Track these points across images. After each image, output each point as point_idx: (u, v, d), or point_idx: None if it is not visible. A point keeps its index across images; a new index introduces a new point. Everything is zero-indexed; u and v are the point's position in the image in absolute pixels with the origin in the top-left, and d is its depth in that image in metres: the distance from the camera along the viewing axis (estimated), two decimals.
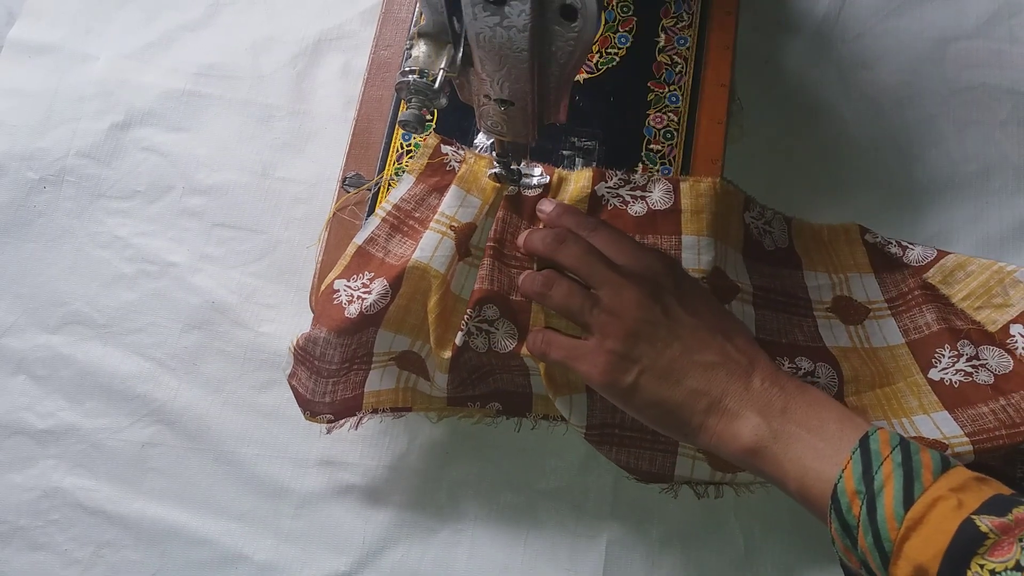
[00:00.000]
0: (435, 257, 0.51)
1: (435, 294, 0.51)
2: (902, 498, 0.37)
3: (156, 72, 0.67)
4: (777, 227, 0.58)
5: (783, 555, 0.56)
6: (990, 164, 0.64)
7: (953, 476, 0.38)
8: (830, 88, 0.66)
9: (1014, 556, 0.34)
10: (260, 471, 0.59)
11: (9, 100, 0.66)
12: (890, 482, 0.38)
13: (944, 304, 0.55)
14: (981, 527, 0.35)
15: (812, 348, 0.54)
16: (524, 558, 0.57)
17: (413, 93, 0.42)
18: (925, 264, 0.57)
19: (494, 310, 0.52)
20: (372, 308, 0.51)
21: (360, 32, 0.68)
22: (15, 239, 0.63)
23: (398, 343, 0.54)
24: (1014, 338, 0.53)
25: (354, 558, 0.57)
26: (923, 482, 0.38)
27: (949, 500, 0.37)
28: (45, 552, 0.58)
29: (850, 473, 0.39)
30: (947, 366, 0.54)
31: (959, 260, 0.56)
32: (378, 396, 0.57)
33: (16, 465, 0.59)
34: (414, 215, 0.55)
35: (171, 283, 0.62)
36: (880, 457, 0.39)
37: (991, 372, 0.53)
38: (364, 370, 0.55)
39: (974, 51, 0.67)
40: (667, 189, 0.55)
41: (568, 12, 0.38)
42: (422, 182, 0.56)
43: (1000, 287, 0.55)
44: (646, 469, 0.55)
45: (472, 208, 0.54)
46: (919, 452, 0.39)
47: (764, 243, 0.57)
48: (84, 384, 0.61)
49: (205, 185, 0.64)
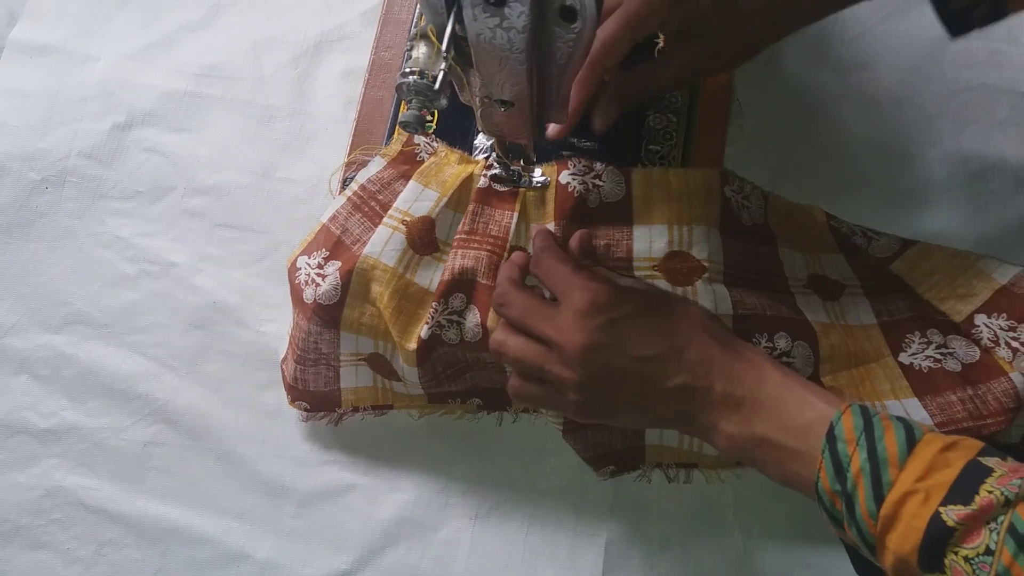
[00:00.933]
0: (385, 251, 0.52)
1: (387, 288, 0.52)
2: (873, 496, 0.38)
3: (157, 73, 0.67)
4: (755, 202, 0.56)
5: (782, 554, 0.57)
6: (989, 164, 0.63)
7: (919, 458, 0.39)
8: (829, 88, 0.66)
9: (983, 541, 0.35)
10: (261, 470, 0.59)
11: (10, 101, 0.66)
12: (860, 480, 0.39)
13: (911, 294, 0.55)
14: (948, 522, 0.36)
15: (795, 321, 0.53)
16: (524, 557, 0.57)
17: (413, 94, 0.42)
18: (891, 255, 0.57)
19: (462, 299, 0.52)
20: (324, 299, 0.53)
21: (361, 33, 0.68)
22: (17, 239, 0.64)
23: (363, 344, 0.55)
24: (979, 328, 0.53)
25: (355, 557, 0.57)
26: (890, 475, 0.38)
27: (917, 495, 0.38)
28: (47, 551, 0.58)
29: (825, 475, 0.40)
30: (917, 352, 0.54)
31: (923, 250, 0.56)
32: (356, 393, 0.58)
33: (18, 464, 0.59)
34: (377, 197, 0.55)
35: (173, 283, 0.62)
36: (848, 454, 0.40)
37: (959, 361, 0.53)
38: (334, 367, 0.56)
39: (973, 51, 0.66)
40: (618, 180, 0.54)
41: (567, 13, 0.38)
42: (392, 167, 0.56)
43: (964, 277, 0.55)
44: (619, 447, 0.56)
45: (428, 202, 0.54)
46: (883, 436, 0.40)
47: (742, 218, 0.55)
48: (86, 384, 0.61)
49: (206, 186, 0.64)
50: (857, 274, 0.57)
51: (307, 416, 0.59)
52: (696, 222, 0.53)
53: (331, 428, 0.60)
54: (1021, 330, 0.53)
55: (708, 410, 0.45)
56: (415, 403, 0.59)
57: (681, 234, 0.53)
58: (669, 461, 0.57)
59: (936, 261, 0.56)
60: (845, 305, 0.56)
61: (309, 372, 0.57)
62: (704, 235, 0.53)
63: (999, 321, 0.53)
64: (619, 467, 0.57)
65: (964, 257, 0.55)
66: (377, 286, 0.52)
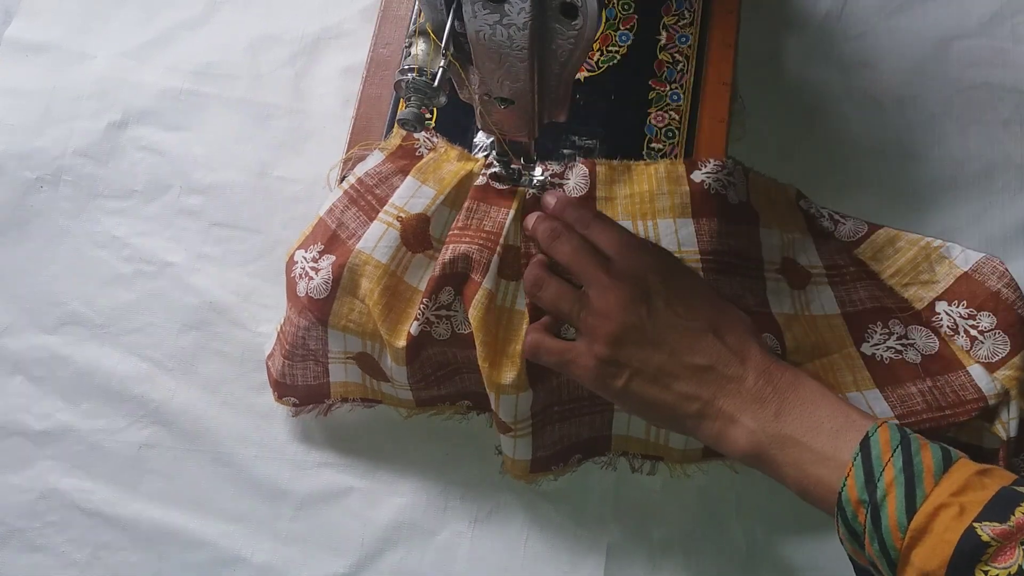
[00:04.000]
0: (378, 248, 0.52)
1: (377, 285, 0.52)
2: (904, 507, 0.37)
3: (154, 71, 0.67)
4: (739, 178, 0.56)
5: (785, 557, 0.56)
6: (993, 163, 0.63)
7: (955, 476, 0.38)
8: (832, 87, 0.65)
9: (1016, 561, 0.34)
10: (258, 472, 0.59)
11: (6, 99, 0.66)
12: (892, 490, 0.38)
13: (874, 282, 0.56)
14: (983, 536, 0.35)
15: (760, 315, 0.54)
16: (524, 560, 0.57)
17: (412, 91, 0.42)
18: (856, 239, 0.57)
19: (449, 293, 0.52)
20: (315, 292, 0.52)
21: (359, 30, 0.67)
22: (12, 239, 0.63)
23: (351, 343, 0.55)
24: (939, 316, 0.55)
25: (353, 560, 0.57)
26: (925, 488, 0.37)
27: (951, 507, 0.36)
28: (42, 554, 0.57)
29: (853, 482, 0.39)
30: (879, 342, 0.55)
31: (889, 236, 0.57)
32: (346, 387, 0.58)
33: (13, 466, 0.59)
34: (374, 191, 0.55)
35: (169, 283, 0.62)
36: (881, 463, 0.39)
37: (919, 352, 0.54)
38: (323, 363, 0.56)
39: (977, 50, 0.66)
40: (583, 174, 0.54)
41: (569, 10, 0.38)
42: (390, 161, 0.56)
43: (927, 263, 0.56)
44: (586, 437, 0.56)
45: (425, 199, 0.54)
46: (920, 452, 0.39)
47: (728, 196, 0.55)
48: (81, 385, 0.60)
49: (203, 184, 0.64)
50: (823, 261, 0.57)
51: (296, 411, 0.59)
52: (660, 215, 0.53)
53: (329, 429, 0.59)
54: (979, 318, 0.54)
55: (733, 398, 0.44)
56: (403, 405, 0.58)
57: (646, 228, 0.53)
58: (635, 451, 0.57)
59: (901, 246, 0.57)
60: (810, 294, 0.56)
61: (298, 367, 0.56)
62: (669, 228, 0.53)
63: (959, 309, 0.54)
64: (585, 454, 0.57)
65: (928, 243, 0.56)
66: (368, 282, 0.52)
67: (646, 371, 0.46)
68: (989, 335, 0.53)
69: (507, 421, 0.52)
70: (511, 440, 0.53)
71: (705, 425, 0.46)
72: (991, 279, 0.55)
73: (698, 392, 0.45)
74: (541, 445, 0.54)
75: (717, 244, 0.53)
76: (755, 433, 0.43)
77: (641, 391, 0.46)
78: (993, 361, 0.53)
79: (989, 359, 0.53)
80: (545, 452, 0.55)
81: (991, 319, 0.54)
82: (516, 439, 0.53)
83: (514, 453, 0.54)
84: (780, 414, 0.43)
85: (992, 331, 0.53)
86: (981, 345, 0.53)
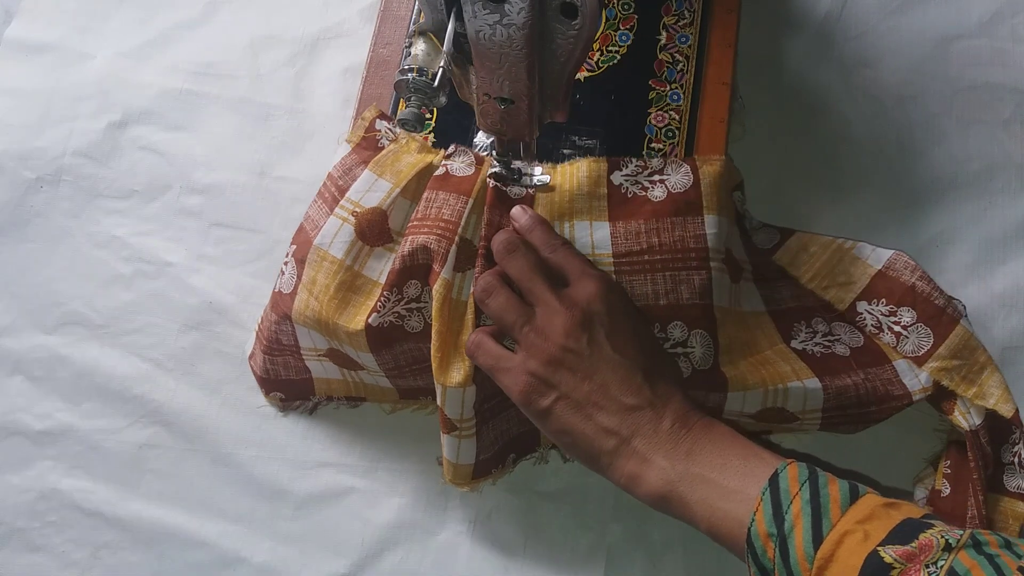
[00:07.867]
0: (334, 243, 0.52)
1: (332, 281, 0.52)
2: (811, 537, 0.38)
3: (154, 71, 0.67)
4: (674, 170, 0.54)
5: None
6: (993, 163, 0.63)
7: (861, 507, 0.39)
8: (832, 86, 0.65)
9: None
10: (258, 472, 0.58)
11: (6, 99, 0.66)
12: (799, 521, 0.38)
13: (794, 284, 0.56)
14: (886, 558, 0.35)
15: (696, 307, 0.52)
16: (524, 561, 0.57)
17: (412, 91, 0.42)
18: (772, 247, 0.57)
19: (416, 286, 0.52)
20: (284, 287, 0.53)
21: (359, 30, 0.67)
22: (12, 239, 0.63)
23: (317, 340, 0.55)
24: (862, 315, 0.55)
25: (353, 560, 0.57)
26: (831, 518, 0.38)
27: (856, 534, 0.37)
28: (42, 554, 0.57)
29: (761, 516, 0.40)
30: (806, 339, 0.55)
31: (801, 241, 0.57)
32: (329, 384, 0.58)
33: (13, 466, 0.59)
34: (338, 183, 0.55)
35: (169, 283, 0.62)
36: (789, 496, 0.39)
37: (847, 346, 0.55)
38: (299, 357, 0.56)
39: (977, 50, 0.66)
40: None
41: (568, 10, 0.38)
42: (355, 153, 0.56)
43: (842, 265, 0.56)
44: (516, 433, 0.55)
45: (380, 192, 0.53)
46: (827, 485, 0.40)
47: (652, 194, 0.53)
48: (81, 385, 0.60)
49: (203, 184, 0.64)
50: (750, 258, 0.57)
51: (284, 406, 0.59)
52: (577, 217, 0.53)
53: (329, 430, 0.59)
54: (900, 314, 0.55)
55: (649, 439, 0.45)
56: (387, 397, 0.58)
57: (562, 229, 0.53)
58: None
59: (814, 251, 0.57)
60: (742, 289, 0.56)
61: (278, 361, 0.57)
62: (585, 230, 0.53)
63: (879, 307, 0.55)
64: (519, 453, 0.57)
65: (840, 245, 0.57)
66: (324, 278, 0.52)
67: (573, 397, 0.46)
68: (912, 329, 0.54)
69: (453, 418, 0.52)
70: (455, 441, 0.53)
71: (618, 464, 0.46)
72: (904, 274, 0.55)
73: (618, 428, 0.46)
74: (483, 447, 0.54)
75: (635, 245, 0.52)
76: (666, 471, 0.44)
77: (563, 416, 0.47)
78: (920, 354, 0.54)
79: (916, 353, 0.54)
80: (485, 455, 0.54)
81: (911, 313, 0.54)
82: (460, 440, 0.53)
83: (457, 457, 0.53)
84: (692, 453, 0.44)
85: (914, 325, 0.54)
86: (907, 340, 0.54)
